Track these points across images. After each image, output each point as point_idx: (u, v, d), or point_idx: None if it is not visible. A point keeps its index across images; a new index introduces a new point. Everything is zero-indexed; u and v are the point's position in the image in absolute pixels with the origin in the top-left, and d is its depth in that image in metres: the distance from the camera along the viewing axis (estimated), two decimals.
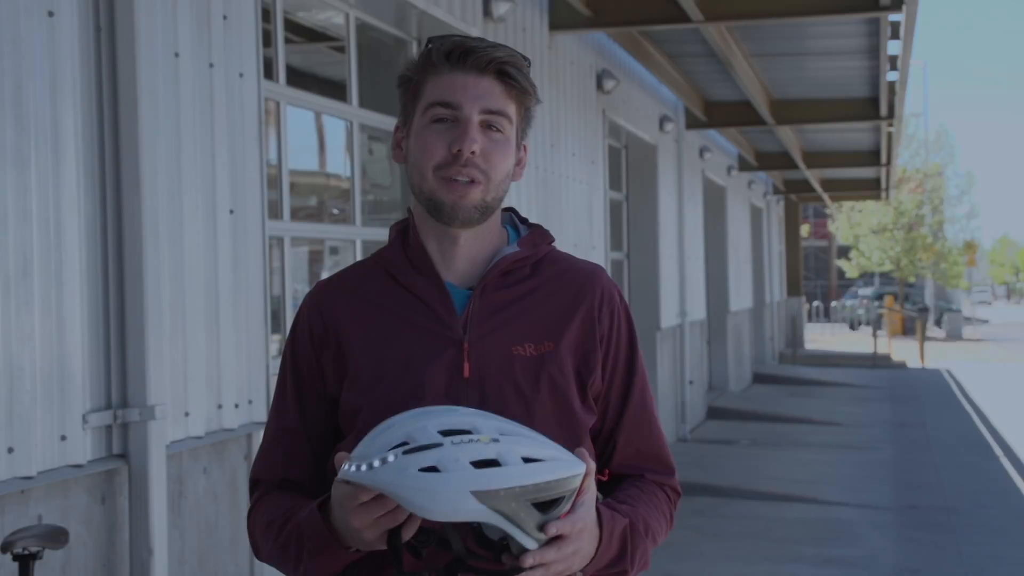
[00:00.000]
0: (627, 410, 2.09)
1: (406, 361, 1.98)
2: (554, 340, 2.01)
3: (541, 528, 1.74)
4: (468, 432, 1.73)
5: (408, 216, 2.09)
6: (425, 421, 1.74)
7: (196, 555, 4.42)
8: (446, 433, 1.72)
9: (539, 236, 2.11)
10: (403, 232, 2.08)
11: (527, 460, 1.72)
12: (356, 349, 2.01)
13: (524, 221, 2.17)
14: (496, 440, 1.72)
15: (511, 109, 1.99)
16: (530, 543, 1.74)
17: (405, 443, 1.72)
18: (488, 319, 2.00)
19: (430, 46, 2.01)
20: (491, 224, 2.06)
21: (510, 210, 2.18)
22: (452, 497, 1.68)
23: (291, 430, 2.07)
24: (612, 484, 2.10)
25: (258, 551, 2.06)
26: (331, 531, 1.86)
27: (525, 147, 2.10)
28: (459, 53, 1.97)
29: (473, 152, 1.94)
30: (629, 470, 2.10)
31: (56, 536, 3.36)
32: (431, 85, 1.98)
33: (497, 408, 1.93)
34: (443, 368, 1.97)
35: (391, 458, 1.70)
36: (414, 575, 1.82)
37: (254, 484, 2.11)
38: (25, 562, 3.25)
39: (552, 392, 1.98)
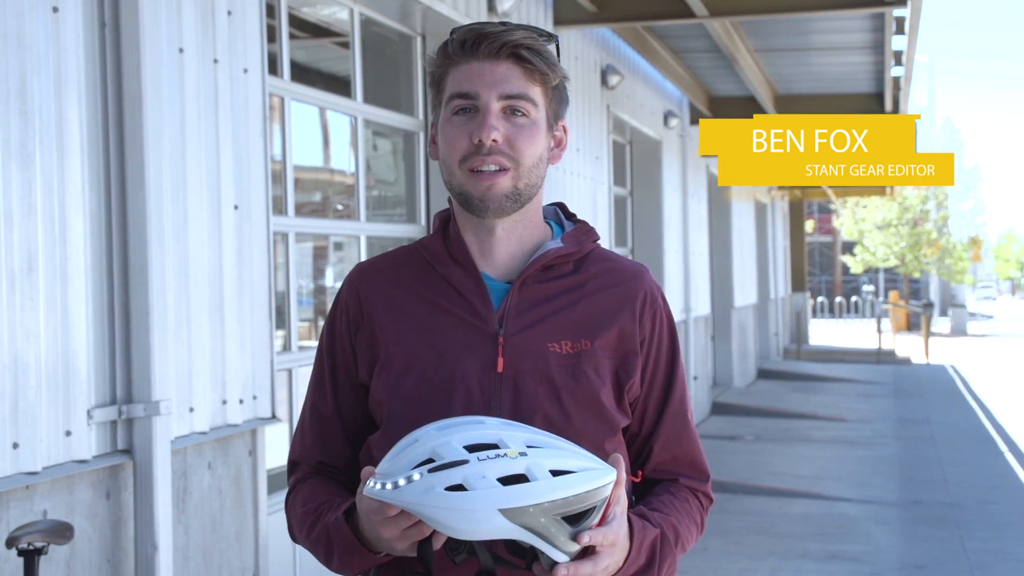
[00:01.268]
0: (665, 415, 2.05)
1: (439, 353, 1.95)
2: (591, 339, 1.96)
3: (573, 539, 1.70)
4: (495, 446, 1.68)
5: (451, 206, 2.06)
6: (450, 436, 1.70)
7: (201, 550, 4.42)
8: (472, 448, 1.68)
9: (584, 233, 2.07)
10: (445, 222, 2.05)
11: (556, 473, 1.68)
12: (389, 336, 1.98)
13: (571, 217, 2.12)
14: (524, 454, 1.68)
15: (534, 91, 1.96)
16: (560, 556, 1.71)
17: (431, 460, 1.68)
18: (525, 314, 1.96)
19: (449, 37, 1.99)
20: (530, 216, 2.02)
21: (558, 205, 2.14)
22: (479, 516, 1.64)
23: (325, 414, 2.06)
24: (646, 487, 2.07)
25: (293, 536, 2.06)
26: (359, 539, 1.84)
27: (564, 127, 2.06)
28: (473, 40, 1.94)
29: (495, 140, 1.91)
30: (664, 475, 2.07)
31: (61, 531, 3.37)
32: (451, 77, 1.96)
33: (530, 405, 1.90)
34: (477, 362, 1.93)
35: (416, 476, 1.67)
36: None
37: (292, 465, 2.10)
38: (30, 557, 3.26)
39: (586, 392, 1.94)
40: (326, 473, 2.05)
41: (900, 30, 10.17)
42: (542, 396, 1.92)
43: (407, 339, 1.97)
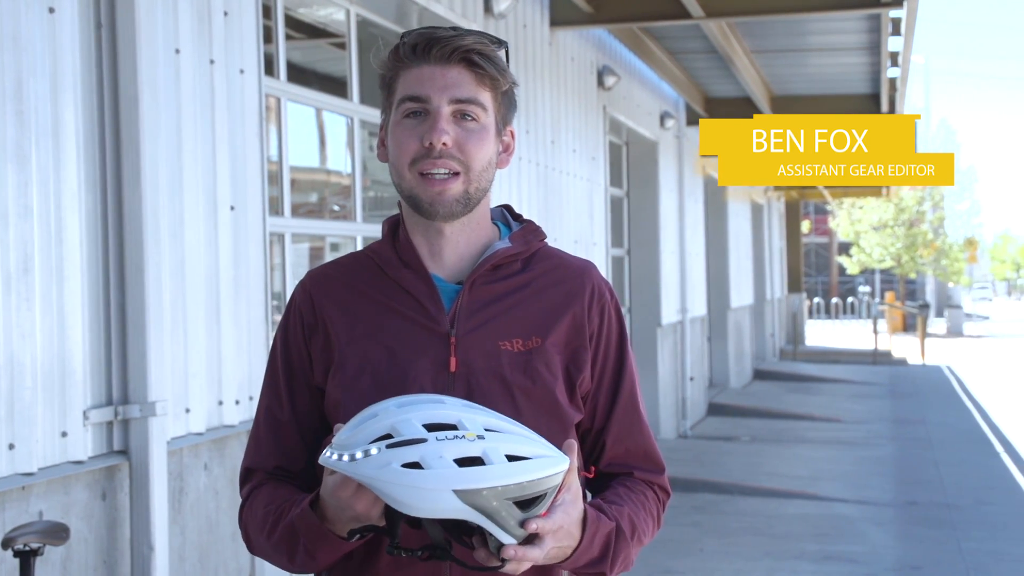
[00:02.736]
0: (616, 408, 2.07)
1: (392, 354, 1.97)
2: (542, 336, 1.99)
3: (521, 524, 1.74)
4: (454, 427, 1.72)
5: (400, 211, 2.08)
6: (410, 414, 1.73)
7: (197, 551, 4.42)
8: (431, 428, 1.72)
9: (531, 232, 2.09)
10: (394, 227, 2.08)
11: (511, 458, 1.72)
12: (343, 339, 2.00)
13: (517, 218, 2.15)
14: (481, 437, 1.72)
15: (484, 96, 1.98)
16: (508, 539, 1.74)
17: (389, 436, 1.71)
18: (476, 314, 1.99)
19: (400, 41, 2.00)
20: (479, 218, 2.04)
21: (505, 207, 2.17)
22: (433, 495, 1.68)
23: (281, 419, 2.06)
24: (601, 482, 2.09)
25: (250, 544, 2.05)
26: (327, 525, 1.85)
27: (512, 132, 2.08)
28: (424, 44, 1.96)
29: (445, 144, 1.93)
30: (618, 468, 2.09)
31: (57, 532, 3.36)
32: (402, 80, 1.98)
33: (483, 403, 1.92)
34: (429, 362, 1.96)
35: (374, 451, 1.70)
36: (405, 552, 1.82)
37: (247, 474, 2.09)
38: (26, 558, 3.26)
39: (539, 389, 1.97)
40: (283, 478, 2.05)
41: (896, 31, 10.18)
42: (495, 394, 1.95)
43: (361, 341, 1.99)
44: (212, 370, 4.54)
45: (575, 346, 2.02)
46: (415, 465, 1.68)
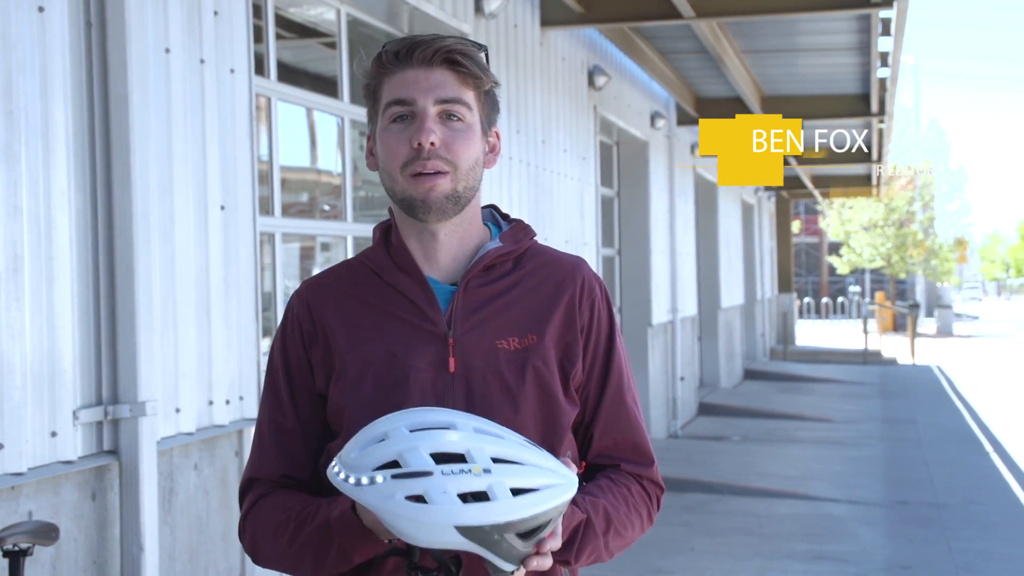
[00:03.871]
0: (604, 400, 2.09)
1: (391, 357, 2.00)
2: (537, 333, 2.02)
3: (530, 548, 1.75)
4: (461, 458, 1.72)
5: (391, 216, 2.11)
6: (419, 441, 1.73)
7: (187, 551, 4.42)
8: (438, 458, 1.71)
9: (521, 231, 2.13)
10: (386, 232, 2.11)
11: (517, 491, 1.72)
12: (343, 346, 2.02)
13: (505, 217, 2.18)
14: (488, 471, 1.71)
15: (468, 96, 2.01)
16: (507, 567, 1.75)
17: (396, 464, 1.72)
18: (472, 314, 2.02)
19: (382, 49, 2.03)
20: (470, 219, 2.07)
21: (491, 207, 2.20)
22: (435, 530, 1.69)
23: (286, 428, 2.07)
24: (588, 474, 2.10)
25: (257, 554, 2.05)
26: (367, 528, 1.86)
27: (496, 133, 2.11)
28: (406, 49, 1.99)
29: (433, 144, 1.96)
30: (606, 460, 2.10)
31: (47, 532, 3.36)
32: (386, 86, 2.01)
33: (483, 402, 1.96)
34: (429, 363, 1.99)
35: (379, 479, 1.71)
36: (423, 572, 1.84)
37: (249, 484, 2.09)
38: (16, 558, 3.25)
39: (537, 385, 2.00)
40: (289, 487, 2.05)
41: (886, 31, 10.20)
42: (494, 393, 1.98)
43: (360, 347, 2.02)
44: (202, 370, 4.54)
45: (568, 341, 2.05)
46: (419, 499, 1.69)
